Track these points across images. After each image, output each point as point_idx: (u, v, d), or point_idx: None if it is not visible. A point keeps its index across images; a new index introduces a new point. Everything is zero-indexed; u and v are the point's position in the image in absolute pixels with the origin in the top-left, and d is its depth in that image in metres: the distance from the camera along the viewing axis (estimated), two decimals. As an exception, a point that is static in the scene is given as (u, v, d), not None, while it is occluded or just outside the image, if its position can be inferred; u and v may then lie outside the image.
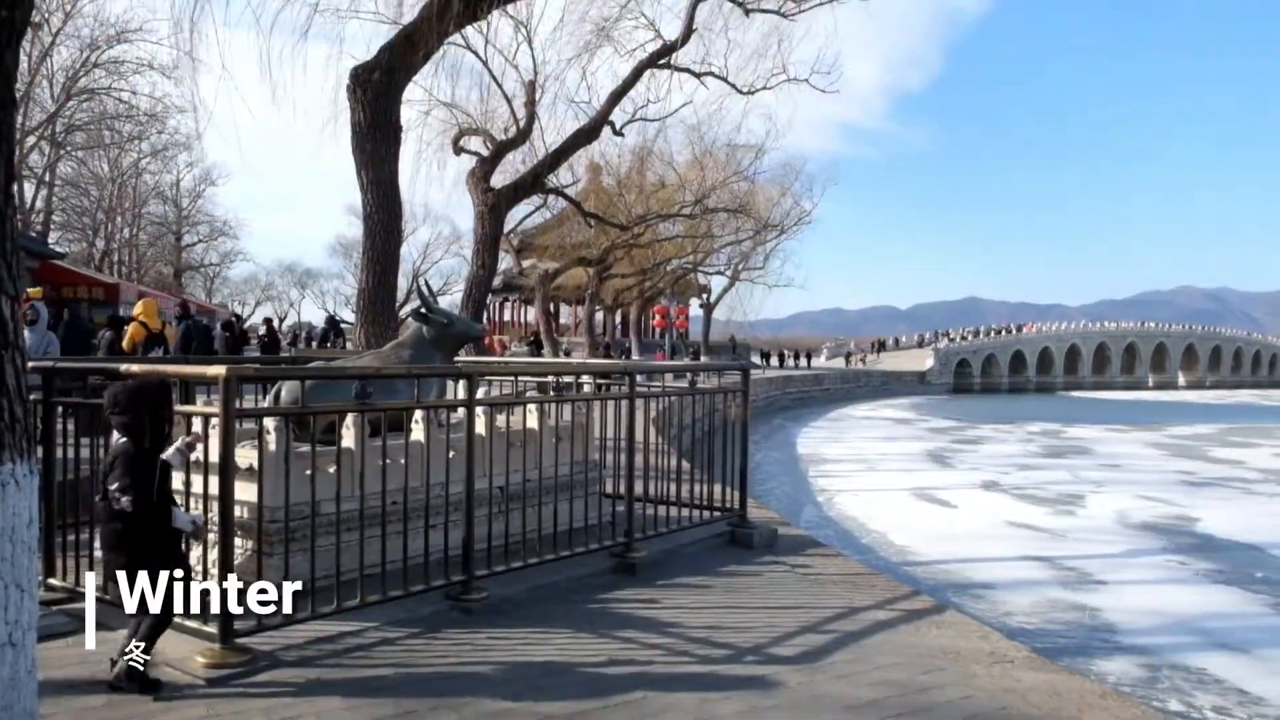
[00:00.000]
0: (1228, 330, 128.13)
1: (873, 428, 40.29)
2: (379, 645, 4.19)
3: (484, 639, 4.33)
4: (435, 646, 4.22)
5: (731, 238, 42.24)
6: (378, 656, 4.07)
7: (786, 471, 24.31)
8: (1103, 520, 17.60)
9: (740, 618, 4.88)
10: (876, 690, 3.86)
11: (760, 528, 6.77)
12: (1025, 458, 29.24)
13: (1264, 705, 8.18)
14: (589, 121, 17.28)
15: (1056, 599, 11.64)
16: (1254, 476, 25.48)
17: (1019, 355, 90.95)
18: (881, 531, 15.64)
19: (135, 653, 3.50)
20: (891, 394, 66.17)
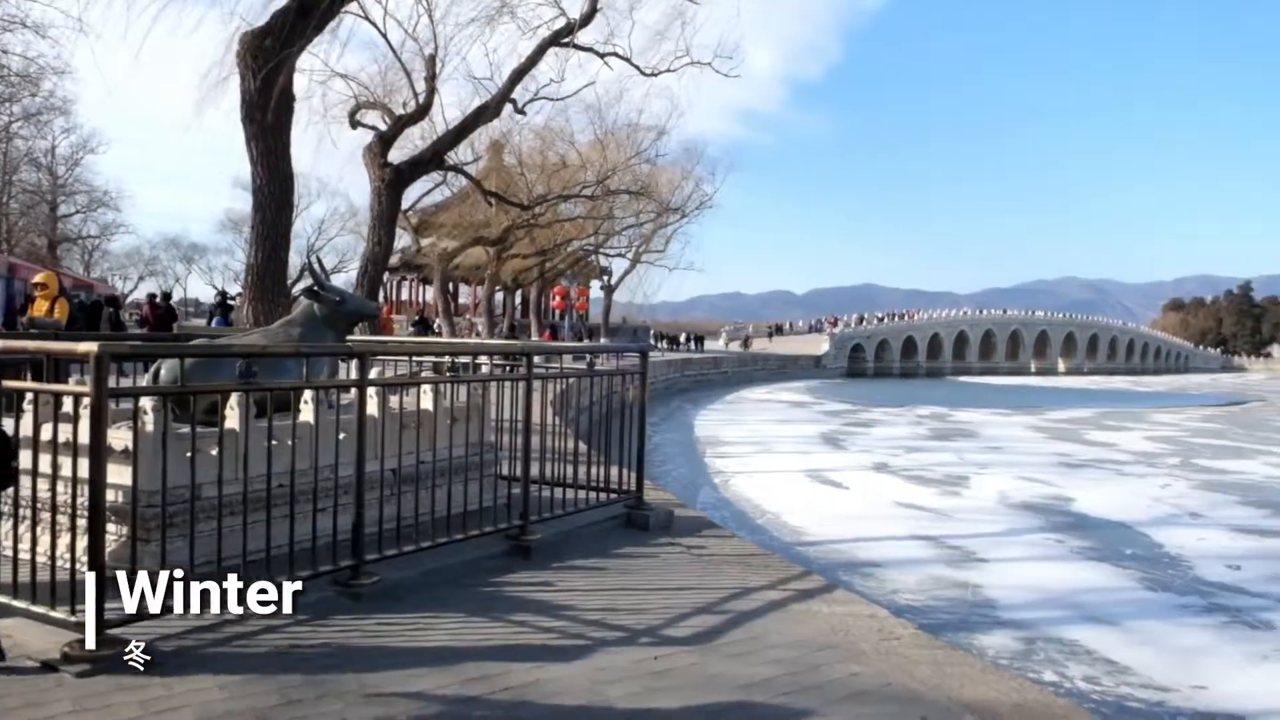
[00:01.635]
0: (1105, 320, 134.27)
1: (769, 410, 40.96)
2: (262, 633, 4.06)
3: (373, 624, 4.23)
4: (322, 633, 4.10)
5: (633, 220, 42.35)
6: (261, 644, 3.94)
7: (684, 454, 24.53)
8: (985, 500, 18.25)
9: (635, 599, 4.89)
10: (768, 669, 3.91)
11: (657, 510, 6.79)
12: (914, 440, 30.11)
13: (1129, 674, 8.60)
14: (491, 98, 17.04)
15: (941, 576, 12.02)
16: (1125, 459, 26.77)
17: (910, 341, 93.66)
18: (776, 512, 15.90)
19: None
20: (788, 377, 67.38)
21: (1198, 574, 12.70)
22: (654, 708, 3.50)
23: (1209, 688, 8.38)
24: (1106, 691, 8.18)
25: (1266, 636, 10.01)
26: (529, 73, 17.03)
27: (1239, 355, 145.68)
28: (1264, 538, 15.45)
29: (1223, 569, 12.98)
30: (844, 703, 3.62)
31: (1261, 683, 8.61)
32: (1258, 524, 16.70)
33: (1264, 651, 9.50)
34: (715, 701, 3.57)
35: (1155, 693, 8.21)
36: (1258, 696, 8.22)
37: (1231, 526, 16.33)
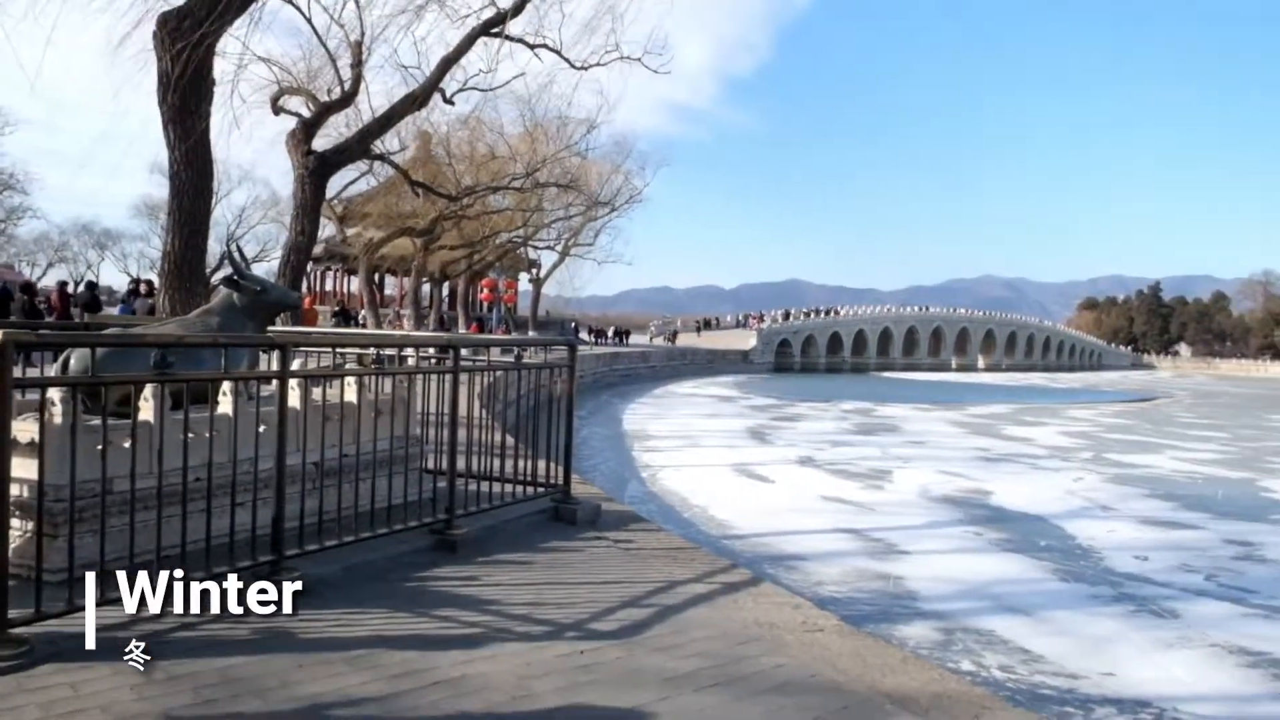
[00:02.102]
0: (1023, 317, 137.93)
1: (697, 405, 41.19)
2: (177, 630, 3.95)
3: (294, 621, 4.14)
4: (239, 631, 4.00)
5: (562, 213, 42.22)
6: (175, 643, 3.83)
7: (612, 447, 24.54)
8: (907, 494, 18.60)
9: (562, 594, 4.87)
10: (694, 662, 3.93)
11: (584, 504, 6.78)
12: (839, 435, 30.55)
13: (1043, 662, 8.84)
14: (418, 87, 16.77)
15: (864, 569, 12.22)
16: (1041, 453, 27.53)
17: (836, 337, 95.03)
18: (703, 506, 16.00)
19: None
20: (716, 372, 67.81)
21: (1108, 565, 13.11)
22: (581, 702, 3.49)
23: (1117, 674, 8.66)
24: (1021, 680, 8.40)
25: (1171, 624, 10.38)
26: (458, 62, 16.79)
27: (1148, 353, 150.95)
28: (1169, 529, 16.02)
29: (1131, 560, 13.42)
30: (768, 694, 3.65)
31: (1166, 669, 8.92)
32: (1164, 516, 17.31)
33: (1168, 639, 9.85)
34: (642, 694, 3.58)
35: (1067, 680, 8.45)
36: (1163, 682, 8.52)
37: (1139, 519, 16.90)
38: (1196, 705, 8.01)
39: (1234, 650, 9.54)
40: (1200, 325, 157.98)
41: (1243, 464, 26.89)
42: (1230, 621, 10.56)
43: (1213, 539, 15.30)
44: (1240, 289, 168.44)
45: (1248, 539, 15.35)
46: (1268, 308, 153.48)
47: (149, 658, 3.50)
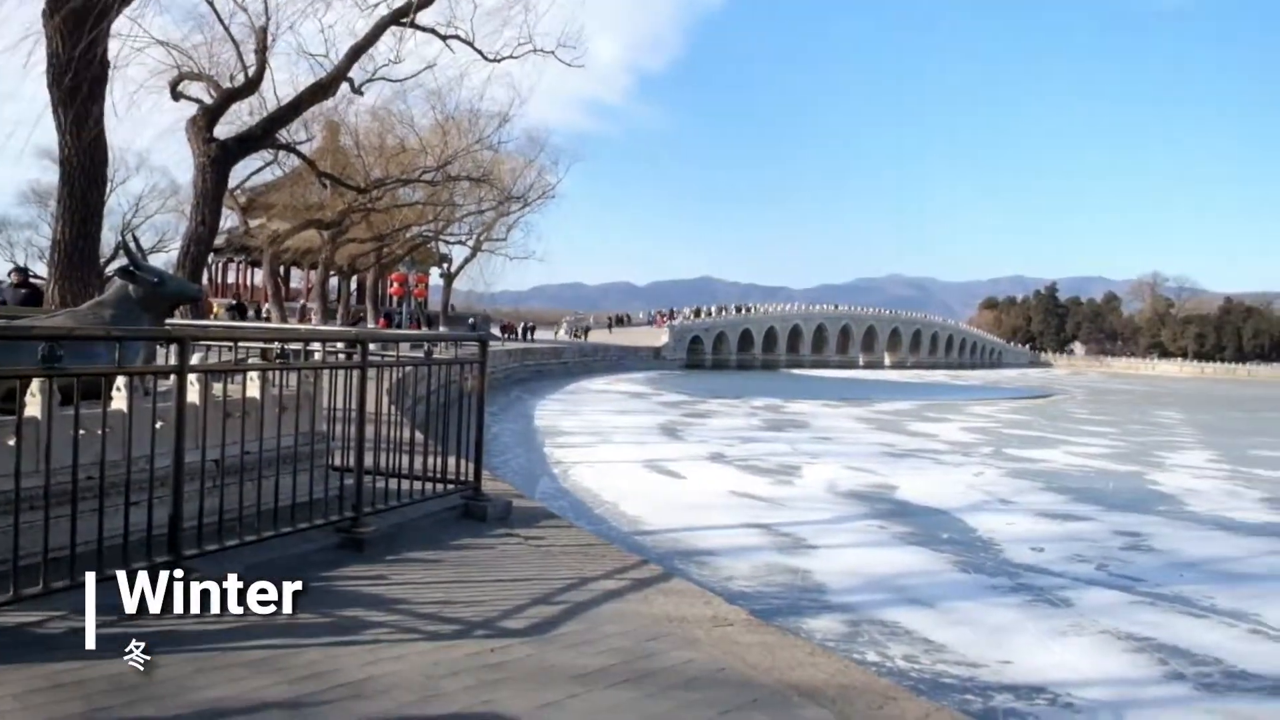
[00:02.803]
0: (928, 316, 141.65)
1: (609, 401, 41.24)
2: (65, 636, 3.78)
3: (192, 624, 4.00)
4: (133, 635, 3.85)
5: (474, 207, 41.76)
6: (64, 649, 3.67)
7: (523, 444, 24.41)
8: (815, 489, 18.92)
9: (472, 592, 4.82)
10: (604, 658, 3.93)
11: (495, 500, 6.72)
12: (749, 431, 30.92)
13: (945, 652, 9.09)
14: (326, 76, 16.42)
15: (773, 563, 12.39)
16: (944, 448, 28.29)
17: (747, 334, 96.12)
18: (614, 502, 16.02)
19: None
20: (628, 369, 67.99)
21: (1006, 556, 13.54)
22: (491, 700, 3.45)
23: (1014, 662, 8.95)
24: (924, 669, 8.62)
25: (1065, 613, 10.78)
26: (367, 52, 16.48)
27: (1045, 351, 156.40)
28: (1064, 521, 16.63)
29: (1028, 551, 13.88)
30: (678, 689, 3.67)
31: (1060, 655, 9.26)
32: (1058, 509, 17.96)
33: (1062, 627, 10.22)
34: (552, 692, 3.56)
35: (968, 669, 8.71)
36: (1057, 668, 8.84)
37: (1036, 511, 17.50)
38: (1088, 690, 8.32)
39: (1122, 636, 9.95)
40: (1093, 325, 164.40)
41: (1131, 458, 28.08)
42: (1119, 609, 11.01)
43: (1103, 530, 15.93)
44: (1130, 290, 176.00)
45: (1136, 530, 16.03)
46: (1155, 308, 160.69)
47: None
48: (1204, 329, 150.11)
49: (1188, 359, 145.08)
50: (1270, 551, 15.03)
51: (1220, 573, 13.22)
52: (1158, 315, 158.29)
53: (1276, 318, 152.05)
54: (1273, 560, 14.37)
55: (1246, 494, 21.40)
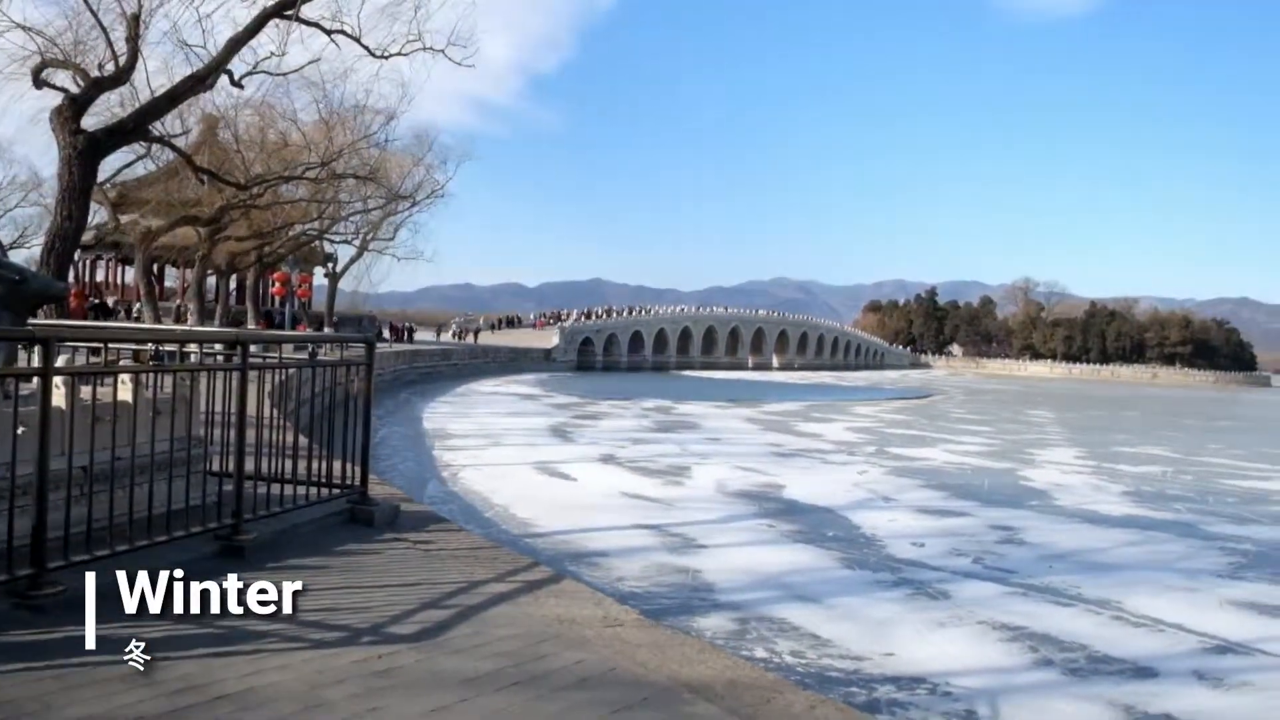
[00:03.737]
0: (814, 318, 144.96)
1: (499, 403, 40.90)
2: (-82, 655, 3.56)
3: (59, 638, 3.82)
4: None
5: (360, 205, 40.79)
6: (-84, 668, 3.45)
7: (412, 446, 23.99)
8: (705, 489, 19.15)
9: (358, 598, 4.72)
10: (494, 662, 3.90)
11: (382, 505, 6.59)
12: (640, 432, 31.09)
13: (831, 646, 9.31)
14: (203, 68, 15.83)
15: (664, 563, 12.49)
16: (829, 448, 28.97)
17: (638, 335, 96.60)
18: (505, 505, 15.90)
19: None
20: (518, 370, 67.55)
21: (889, 552, 13.96)
22: (377, 707, 3.39)
23: (896, 654, 9.23)
24: (811, 664, 8.81)
25: (944, 605, 11.17)
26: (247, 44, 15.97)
27: (926, 353, 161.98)
28: (943, 517, 17.23)
29: (909, 546, 14.34)
30: (569, 690, 3.67)
31: (940, 646, 9.59)
32: (938, 505, 18.60)
33: (941, 619, 10.59)
34: (441, 697, 3.52)
35: (852, 662, 8.94)
36: (937, 659, 9.15)
37: (916, 508, 18.08)
38: (965, 679, 8.64)
39: (997, 626, 10.37)
40: (971, 327, 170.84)
41: (1005, 455, 29.29)
42: (994, 600, 11.47)
43: (980, 525, 16.57)
44: (1004, 294, 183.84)
45: (1009, 524, 16.73)
46: (1027, 312, 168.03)
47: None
48: (1071, 332, 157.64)
49: (1057, 360, 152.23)
50: (1131, 543, 15.88)
51: (1086, 563, 13.90)
52: (1030, 319, 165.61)
53: (1136, 321, 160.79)
54: (1134, 551, 15.18)
55: (1110, 488, 22.56)
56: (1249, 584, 13.19)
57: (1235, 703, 8.49)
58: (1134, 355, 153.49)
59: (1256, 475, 27.45)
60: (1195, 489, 23.36)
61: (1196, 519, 18.59)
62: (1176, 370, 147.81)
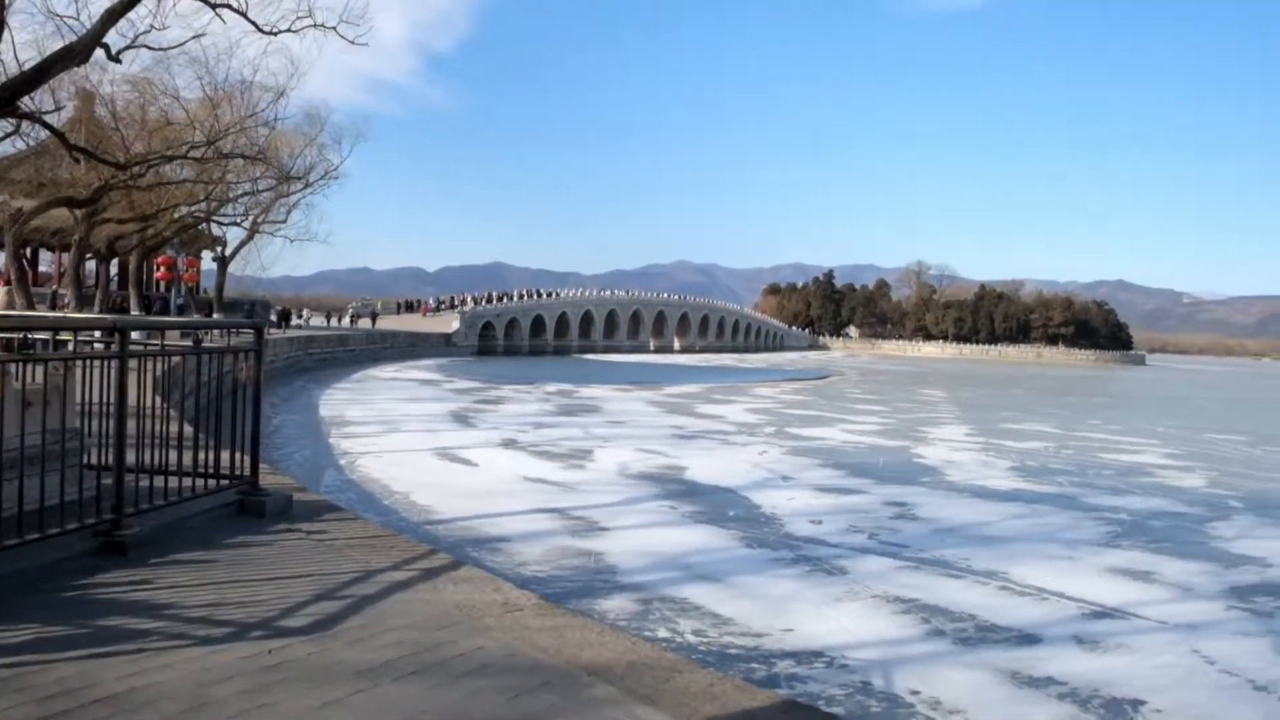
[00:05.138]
0: (715, 301, 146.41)
1: (398, 389, 40.21)
2: None
3: (-81, 645, 3.60)
4: None
5: (249, 186, 39.47)
6: None
7: (307, 435, 23.41)
8: (608, 472, 19.19)
9: (247, 591, 4.58)
10: (390, 652, 3.83)
11: (274, 495, 6.40)
12: (542, 416, 30.95)
13: (731, 624, 9.45)
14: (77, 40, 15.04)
15: (566, 547, 12.47)
16: (730, 429, 29.34)
17: (540, 319, 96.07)
18: (404, 492, 15.65)
19: None
20: (418, 355, 66.57)
21: (788, 530, 14.22)
22: (268, 703, 3.29)
23: (795, 629, 9.42)
24: (712, 642, 8.92)
25: (841, 581, 11.44)
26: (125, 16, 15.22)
27: (824, 335, 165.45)
28: (840, 495, 17.63)
29: (808, 524, 14.64)
30: (468, 677, 3.63)
31: (837, 621, 9.82)
32: (835, 483, 19.02)
33: (838, 594, 10.84)
34: (336, 690, 3.43)
35: (753, 639, 9.09)
36: (834, 633, 9.38)
37: (815, 486, 18.47)
38: (861, 651, 8.87)
39: (891, 599, 10.67)
40: (866, 309, 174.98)
41: (899, 434, 30.11)
42: (888, 574, 11.79)
43: (875, 502, 17.02)
44: (899, 278, 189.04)
45: (903, 500, 17.22)
46: (920, 294, 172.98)
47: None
48: (962, 313, 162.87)
49: (948, 341, 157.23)
50: (1017, 515, 16.51)
51: (975, 536, 14.41)
52: (922, 301, 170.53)
53: (1023, 303, 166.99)
54: (1019, 523, 15.79)
55: (998, 464, 23.42)
56: (1124, 552, 13.86)
57: (1111, 664, 8.91)
58: (1020, 336, 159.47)
59: (1131, 449, 28.84)
60: (1075, 463, 24.43)
61: (1077, 491, 19.44)
62: (1059, 350, 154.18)
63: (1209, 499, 19.44)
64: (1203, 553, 14.08)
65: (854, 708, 7.44)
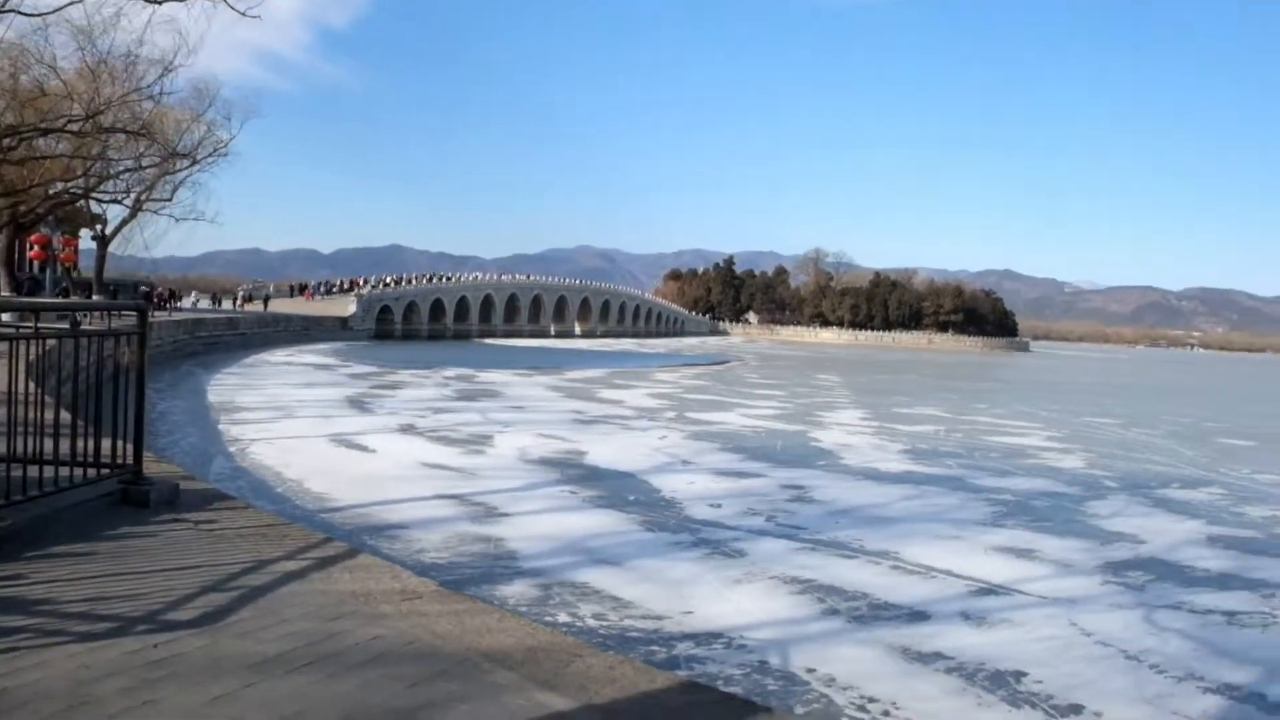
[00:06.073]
0: (616, 286, 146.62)
1: (292, 374, 39.18)
2: None
3: None
4: None
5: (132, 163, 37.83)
6: None
7: (195, 422, 22.63)
8: (508, 458, 19.06)
9: (131, 585, 4.40)
10: (283, 643, 3.74)
11: (159, 484, 6.17)
12: (441, 402, 30.57)
13: (632, 608, 9.51)
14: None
15: (466, 533, 12.35)
16: (630, 414, 29.46)
17: (439, 303, 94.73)
18: (298, 480, 15.27)
19: None
20: (312, 339, 64.99)
21: (688, 514, 14.36)
22: (152, 700, 3.17)
23: (695, 612, 9.53)
24: (612, 626, 8.96)
25: (739, 563, 11.62)
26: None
27: (724, 320, 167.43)
28: (739, 479, 17.88)
29: (707, 508, 14.81)
30: (364, 667, 3.56)
31: (735, 602, 9.97)
32: (734, 467, 19.29)
33: (737, 576, 11.01)
34: (226, 684, 3.33)
35: (653, 622, 9.16)
36: (733, 614, 9.52)
37: (714, 470, 18.69)
38: (759, 631, 9.03)
39: (788, 580, 10.88)
40: (766, 296, 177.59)
41: (797, 418, 30.70)
42: (786, 556, 12.03)
43: (773, 485, 17.32)
44: (797, 265, 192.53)
45: (800, 483, 17.56)
46: (817, 281, 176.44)
47: None
48: (858, 300, 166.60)
49: (845, 327, 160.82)
50: (908, 497, 17.02)
51: (869, 518, 14.80)
52: (820, 288, 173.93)
53: (915, 291, 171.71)
54: (910, 504, 16.28)
55: (890, 447, 24.08)
56: (1008, 531, 14.43)
57: (995, 638, 9.27)
58: (913, 322, 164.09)
59: (1015, 432, 30.00)
60: (964, 446, 25.30)
61: (964, 473, 20.14)
62: (950, 336, 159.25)
63: (1086, 479, 20.36)
64: (1080, 530, 14.74)
65: (752, 686, 7.57)
